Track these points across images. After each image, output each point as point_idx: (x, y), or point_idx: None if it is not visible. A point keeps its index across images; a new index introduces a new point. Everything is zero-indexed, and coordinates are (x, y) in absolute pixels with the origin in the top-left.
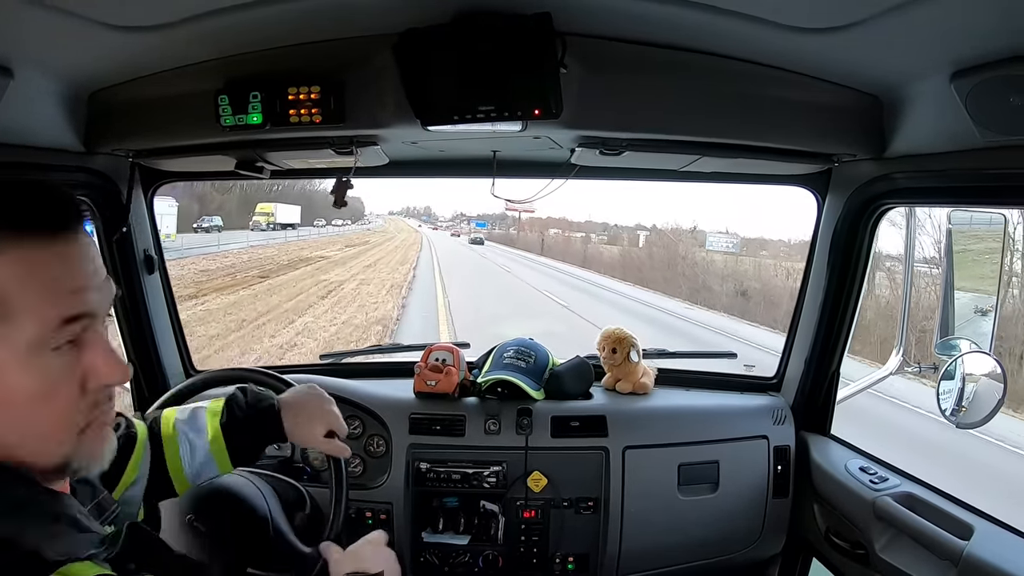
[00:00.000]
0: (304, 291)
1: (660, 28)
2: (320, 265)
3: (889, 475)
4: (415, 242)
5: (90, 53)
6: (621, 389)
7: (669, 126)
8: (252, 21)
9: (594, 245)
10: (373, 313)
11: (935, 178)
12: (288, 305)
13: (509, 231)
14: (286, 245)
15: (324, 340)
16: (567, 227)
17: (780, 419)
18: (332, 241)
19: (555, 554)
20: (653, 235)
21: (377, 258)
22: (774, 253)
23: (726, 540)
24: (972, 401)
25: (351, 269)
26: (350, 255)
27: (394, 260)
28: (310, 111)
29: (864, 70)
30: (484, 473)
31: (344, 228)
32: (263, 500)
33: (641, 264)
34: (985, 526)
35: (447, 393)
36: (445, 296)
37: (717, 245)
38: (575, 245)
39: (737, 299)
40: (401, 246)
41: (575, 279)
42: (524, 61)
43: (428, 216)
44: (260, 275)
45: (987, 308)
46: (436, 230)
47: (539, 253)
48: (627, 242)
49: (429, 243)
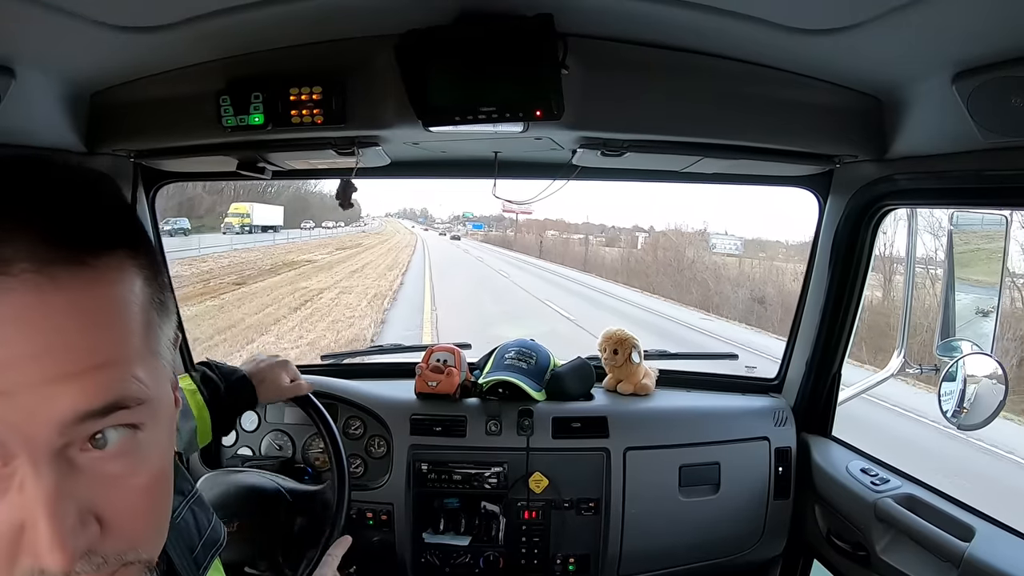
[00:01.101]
0: (277, 301)
1: (662, 29)
2: (304, 270)
3: (890, 476)
4: (408, 244)
5: (92, 54)
6: (622, 390)
7: (670, 127)
8: (254, 22)
9: (594, 247)
10: (346, 332)
11: (937, 179)
12: (253, 320)
13: (506, 233)
14: (273, 248)
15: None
16: (564, 229)
17: (781, 420)
18: (323, 244)
19: (556, 555)
20: (653, 237)
21: (365, 262)
22: (772, 255)
23: (727, 542)
24: (973, 403)
25: (335, 275)
26: (338, 259)
27: (383, 265)
28: (312, 112)
29: (866, 71)
30: (485, 474)
31: (336, 230)
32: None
33: (647, 268)
34: (986, 528)
35: (448, 394)
36: (433, 308)
37: (720, 247)
38: (574, 247)
39: (755, 307)
40: (394, 248)
41: (577, 284)
42: (526, 62)
43: (425, 218)
44: (236, 282)
45: (988, 309)
46: (427, 231)
47: (538, 256)
48: (625, 244)
49: (423, 246)
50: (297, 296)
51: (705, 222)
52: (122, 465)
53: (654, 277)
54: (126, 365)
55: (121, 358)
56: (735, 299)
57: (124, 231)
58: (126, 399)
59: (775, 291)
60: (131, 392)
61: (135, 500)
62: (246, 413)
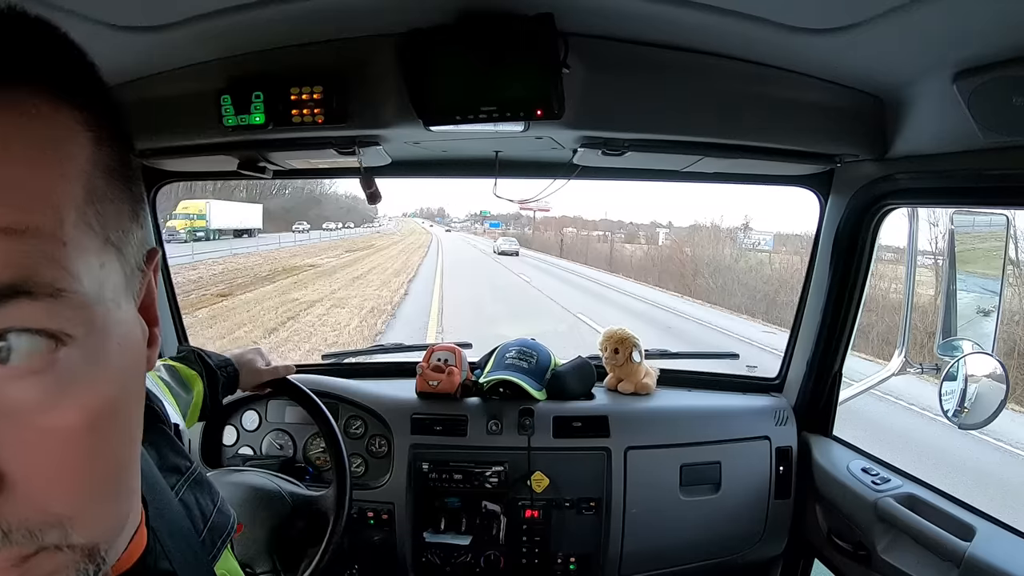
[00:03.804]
0: (255, 319)
1: (662, 28)
2: (301, 277)
3: (891, 476)
4: (422, 245)
5: (92, 53)
6: (623, 390)
7: (671, 127)
8: (254, 21)
9: (619, 245)
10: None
11: (938, 179)
12: (218, 344)
13: (524, 231)
14: (278, 252)
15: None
16: (583, 226)
17: (782, 420)
18: (333, 246)
19: (557, 554)
20: (677, 233)
21: (371, 267)
22: (795, 249)
23: (728, 541)
24: (974, 402)
25: (333, 283)
26: (343, 263)
27: (390, 270)
28: (312, 111)
29: (866, 71)
30: (486, 473)
31: (341, 232)
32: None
33: (681, 268)
34: (987, 527)
35: (449, 393)
36: (439, 329)
37: (753, 243)
38: (595, 245)
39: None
40: (406, 250)
41: (608, 289)
42: (526, 61)
43: (442, 217)
44: (222, 293)
45: (989, 309)
46: (449, 232)
47: (558, 255)
48: (645, 240)
49: (439, 247)
50: (282, 311)
51: (747, 216)
52: (34, 390)
53: (691, 279)
54: (42, 234)
55: (35, 221)
56: (783, 302)
57: (55, 65)
58: (34, 281)
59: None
60: (45, 273)
61: (56, 447)
62: (247, 413)
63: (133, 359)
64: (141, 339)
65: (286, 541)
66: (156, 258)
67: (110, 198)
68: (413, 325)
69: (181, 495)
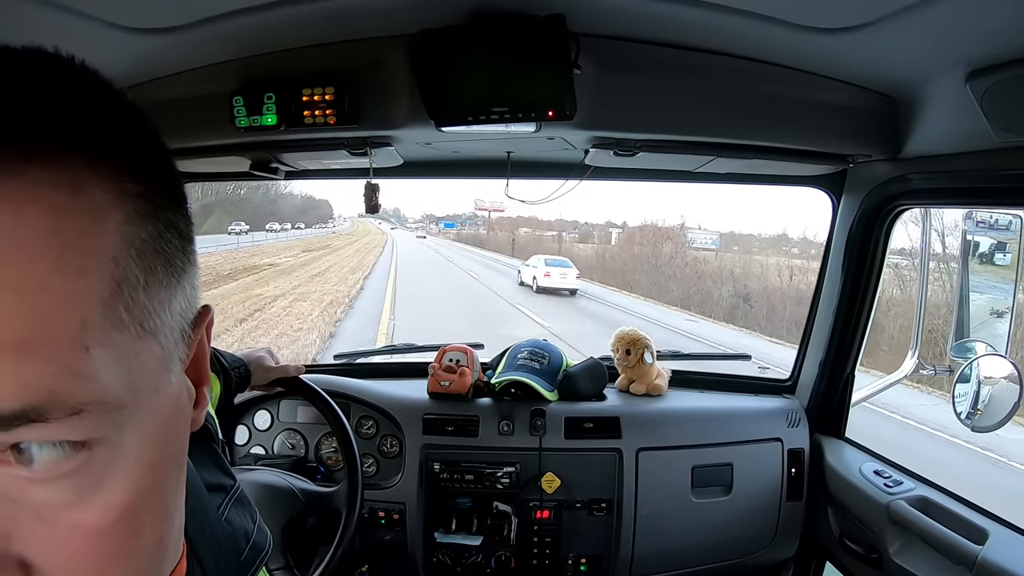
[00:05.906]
0: (224, 311)
1: (674, 29)
2: (263, 275)
3: (904, 479)
4: (378, 244)
5: (104, 55)
6: (635, 391)
7: (683, 127)
8: (267, 23)
9: (567, 244)
10: (288, 348)
11: (951, 179)
12: None
13: (479, 231)
14: (237, 251)
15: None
16: (537, 226)
17: (794, 422)
18: (289, 246)
19: (568, 555)
20: (628, 233)
21: (328, 265)
22: (746, 248)
23: (739, 543)
24: (988, 404)
25: (293, 280)
26: (301, 262)
27: (347, 268)
28: (324, 112)
29: (879, 70)
30: (497, 474)
31: (288, 233)
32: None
33: (623, 265)
34: (1000, 531)
35: (461, 394)
36: (391, 318)
37: (697, 242)
38: (547, 244)
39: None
40: (362, 249)
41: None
42: (538, 62)
43: (397, 218)
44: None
45: (1003, 310)
46: (394, 228)
47: (510, 254)
48: (599, 240)
49: (393, 246)
50: (247, 305)
51: (682, 216)
52: (61, 493)
53: (631, 275)
54: (60, 343)
55: (50, 331)
56: (718, 297)
57: (88, 127)
58: (51, 404)
59: (759, 287)
60: (64, 391)
61: (86, 542)
62: (259, 412)
63: (176, 432)
64: (187, 406)
65: (298, 538)
66: (208, 317)
67: (146, 282)
68: (368, 315)
69: (226, 515)
